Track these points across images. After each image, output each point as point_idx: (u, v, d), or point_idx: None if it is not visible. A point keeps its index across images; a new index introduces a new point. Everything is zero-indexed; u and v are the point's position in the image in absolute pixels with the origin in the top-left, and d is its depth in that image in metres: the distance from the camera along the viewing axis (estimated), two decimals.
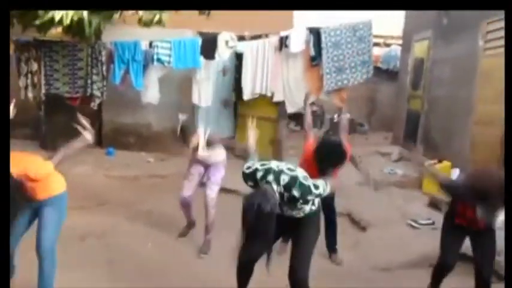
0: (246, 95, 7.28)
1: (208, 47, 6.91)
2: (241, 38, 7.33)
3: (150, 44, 6.79)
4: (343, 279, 3.91)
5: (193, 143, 4.26)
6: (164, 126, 8.10)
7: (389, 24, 11.17)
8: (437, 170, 3.67)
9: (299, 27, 7.29)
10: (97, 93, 7.06)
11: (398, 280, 3.96)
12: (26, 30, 5.60)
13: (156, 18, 4.65)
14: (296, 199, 2.63)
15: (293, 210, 2.80)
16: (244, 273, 2.97)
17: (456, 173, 5.85)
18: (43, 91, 7.12)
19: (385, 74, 11.95)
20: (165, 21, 5.16)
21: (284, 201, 2.67)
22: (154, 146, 8.19)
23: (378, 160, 7.82)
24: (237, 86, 7.59)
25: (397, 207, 5.50)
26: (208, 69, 7.27)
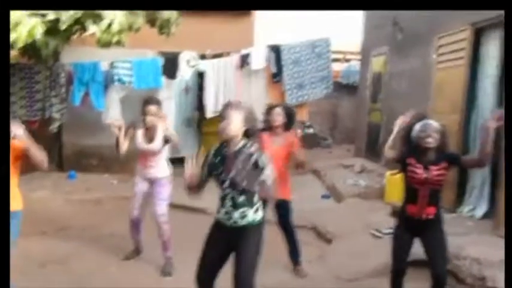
0: (209, 113, 7.31)
1: (170, 67, 6.93)
2: (202, 57, 7.40)
3: (111, 65, 6.75)
4: None
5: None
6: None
7: (349, 40, 11.49)
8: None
9: (259, 45, 7.43)
10: (56, 115, 6.92)
11: None
12: None
13: (114, 39, 4.63)
14: (258, 167, 2.69)
15: (239, 207, 2.79)
16: None
17: None
18: None
19: (345, 88, 12.23)
20: (124, 42, 5.15)
21: (244, 174, 2.70)
22: (118, 168, 8.03)
23: (342, 172, 7.96)
24: (200, 105, 7.61)
25: (361, 218, 5.59)
26: (171, 88, 7.28)
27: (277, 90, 7.10)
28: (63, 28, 4.58)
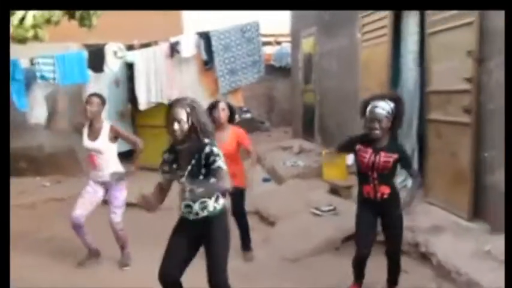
0: (142, 105, 7.11)
1: (96, 59, 6.63)
2: (130, 47, 7.15)
3: (31, 61, 6.36)
4: (253, 276, 3.99)
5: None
6: (58, 147, 7.59)
7: (279, 22, 11.55)
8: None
9: (189, 33, 7.30)
10: None
11: (307, 267, 4.14)
12: None
13: (30, 34, 4.35)
14: (211, 156, 2.68)
15: (198, 199, 2.79)
16: None
17: (351, 158, 6.21)
18: None
19: (279, 71, 12.34)
20: (43, 36, 4.85)
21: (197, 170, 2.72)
22: (50, 169, 7.66)
23: (281, 155, 8.07)
24: (132, 97, 7.39)
25: (302, 198, 5.71)
26: (99, 82, 6.99)
27: (209, 77, 7.03)
28: None
